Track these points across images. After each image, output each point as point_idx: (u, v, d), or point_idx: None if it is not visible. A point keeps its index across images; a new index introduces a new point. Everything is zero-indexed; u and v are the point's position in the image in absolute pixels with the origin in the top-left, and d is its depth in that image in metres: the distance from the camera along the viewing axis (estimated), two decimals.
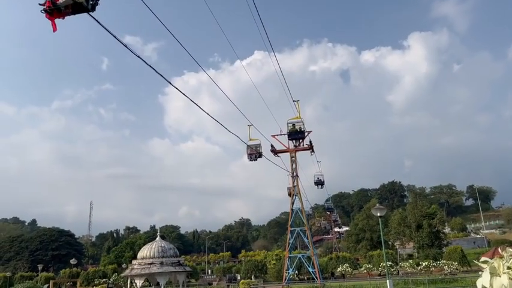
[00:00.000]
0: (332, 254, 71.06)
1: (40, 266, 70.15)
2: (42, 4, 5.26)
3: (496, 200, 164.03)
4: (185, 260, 49.75)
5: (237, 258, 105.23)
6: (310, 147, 46.52)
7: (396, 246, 66.46)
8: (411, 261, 59.70)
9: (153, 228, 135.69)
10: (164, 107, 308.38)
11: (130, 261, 55.26)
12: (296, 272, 52.68)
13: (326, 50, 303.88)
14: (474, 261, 5.05)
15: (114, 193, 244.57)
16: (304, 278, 53.68)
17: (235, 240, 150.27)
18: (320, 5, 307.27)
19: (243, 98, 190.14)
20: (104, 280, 62.75)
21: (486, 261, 3.54)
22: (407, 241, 71.54)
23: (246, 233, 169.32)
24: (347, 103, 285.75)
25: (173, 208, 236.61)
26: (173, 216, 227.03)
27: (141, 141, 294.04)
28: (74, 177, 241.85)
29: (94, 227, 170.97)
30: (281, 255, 64.58)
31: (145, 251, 30.02)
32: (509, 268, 3.29)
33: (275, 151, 46.30)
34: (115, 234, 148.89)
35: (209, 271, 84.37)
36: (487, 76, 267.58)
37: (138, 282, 29.44)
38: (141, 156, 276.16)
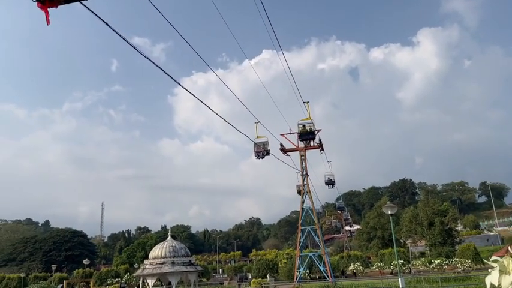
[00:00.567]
0: (343, 253, 70.78)
1: (54, 267, 71.00)
2: None
3: (510, 197, 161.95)
4: (196, 260, 49.98)
5: (248, 257, 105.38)
6: (319, 145, 46.42)
7: (408, 244, 66.01)
8: (423, 259, 59.20)
9: (164, 228, 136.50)
10: (173, 108, 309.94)
11: (142, 261, 55.73)
12: (307, 271, 52.62)
13: (334, 48, 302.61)
14: (485, 260, 5.02)
15: (125, 194, 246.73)
16: (315, 277, 53.60)
17: (245, 239, 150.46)
18: (328, 3, 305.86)
19: (252, 98, 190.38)
20: (117, 280, 63.36)
21: (497, 260, 3.54)
22: (419, 239, 70.93)
23: (257, 232, 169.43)
24: (356, 101, 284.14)
25: (184, 208, 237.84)
26: (184, 216, 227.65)
27: (151, 141, 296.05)
28: (86, 178, 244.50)
29: (106, 228, 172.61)
30: (292, 254, 64.58)
31: (156, 251, 30.21)
32: None
33: (284, 150, 46.28)
34: (127, 234, 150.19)
35: (220, 270, 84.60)
36: (499, 71, 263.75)
37: (150, 281, 29.65)
38: (151, 156, 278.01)
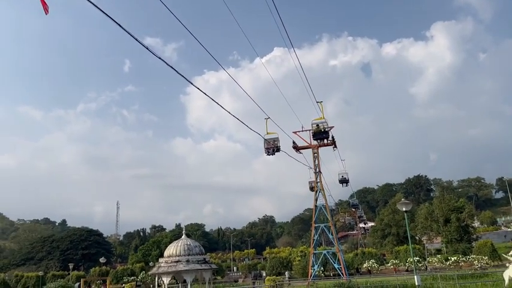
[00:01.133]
0: (357, 250, 70.34)
1: (71, 265, 72.08)
2: None
3: None
4: (210, 258, 50.25)
5: (262, 255, 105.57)
6: (332, 142, 46.20)
7: (423, 241, 65.26)
8: (439, 256, 58.55)
9: (179, 226, 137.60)
10: (186, 107, 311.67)
11: (157, 259, 56.30)
12: (321, 269, 52.47)
13: (346, 44, 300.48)
14: (504, 255, 4.96)
15: (139, 193, 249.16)
16: (329, 275, 53.41)
17: (259, 237, 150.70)
18: None
19: (263, 95, 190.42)
20: (132, 278, 64.05)
21: None
22: (434, 236, 70.14)
23: (270, 230, 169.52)
24: (369, 97, 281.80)
25: (197, 206, 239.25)
26: (198, 214, 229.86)
27: (164, 141, 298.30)
28: (101, 178, 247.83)
29: (121, 226, 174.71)
30: (306, 251, 64.44)
31: (171, 249, 30.46)
32: None
33: (297, 147, 46.17)
34: (142, 233, 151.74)
35: (235, 268, 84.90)
36: None
37: (165, 279, 29.93)
38: (165, 156, 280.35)
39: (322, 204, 46.24)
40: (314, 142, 46.45)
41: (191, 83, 14.49)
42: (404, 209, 22.18)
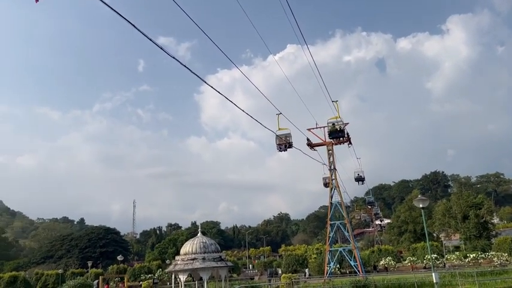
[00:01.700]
0: (374, 247, 69.79)
1: (89, 263, 73.23)
2: None
3: None
4: (226, 255, 50.48)
5: (277, 252, 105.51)
6: (347, 139, 45.86)
7: (441, 238, 64.46)
8: (458, 253, 57.68)
9: (194, 224, 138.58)
10: (200, 105, 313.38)
11: (173, 257, 56.71)
12: (337, 266, 52.21)
13: (360, 39, 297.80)
14: None
15: (155, 191, 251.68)
16: (346, 272, 53.15)
17: (274, 234, 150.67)
18: None
19: (277, 93, 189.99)
20: (149, 276, 64.72)
21: None
22: (453, 233, 69.11)
23: (285, 228, 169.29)
24: (384, 92, 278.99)
25: (213, 204, 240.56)
26: (213, 212, 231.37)
27: (179, 139, 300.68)
28: (117, 176, 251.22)
29: (138, 225, 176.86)
30: (322, 249, 64.18)
31: (187, 247, 30.66)
32: None
33: (311, 144, 45.92)
34: (158, 231, 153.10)
35: (250, 266, 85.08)
36: None
37: (182, 277, 30.15)
38: (180, 154, 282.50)
39: (337, 201, 45.95)
40: (328, 139, 46.18)
41: (205, 82, 14.55)
42: (421, 206, 21.88)
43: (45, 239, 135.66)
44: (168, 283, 55.57)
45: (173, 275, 32.94)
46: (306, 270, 57.77)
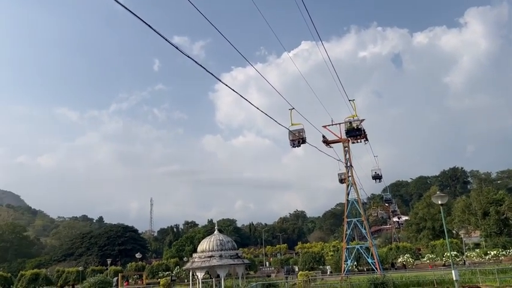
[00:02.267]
0: (391, 245, 69.09)
1: (109, 260, 74.43)
2: None
3: None
4: (243, 253, 50.61)
5: (294, 250, 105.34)
6: (364, 136, 45.49)
7: (461, 235, 63.37)
8: (478, 250, 56.71)
9: (211, 222, 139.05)
10: (215, 104, 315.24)
11: (190, 254, 57.24)
12: (355, 263, 51.90)
13: (376, 35, 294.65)
14: None
15: (172, 189, 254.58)
16: (363, 269, 52.76)
17: (291, 232, 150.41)
18: None
19: (291, 90, 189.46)
20: (167, 273, 65.41)
21: None
22: (473, 229, 67.99)
23: (302, 225, 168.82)
24: (400, 88, 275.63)
25: (229, 202, 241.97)
26: (229, 209, 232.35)
27: (195, 138, 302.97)
28: (134, 175, 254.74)
29: (155, 223, 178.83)
30: (338, 246, 63.87)
31: (204, 245, 30.90)
32: None
33: (327, 142, 45.70)
34: (175, 229, 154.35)
35: (267, 263, 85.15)
36: None
37: (199, 274, 30.41)
38: (195, 152, 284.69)
39: (354, 198, 45.68)
40: (344, 136, 45.92)
41: (220, 80, 14.59)
42: (440, 202, 21.54)
43: (65, 237, 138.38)
44: (186, 280, 56.11)
45: (191, 272, 33.27)
46: (328, 267, 57.57)
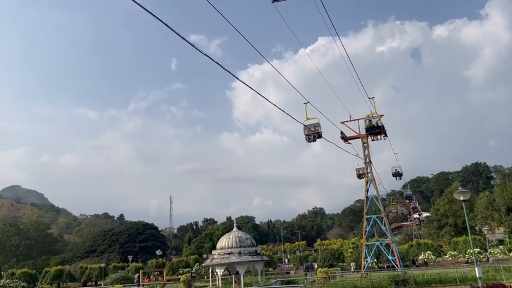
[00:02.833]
0: (412, 241, 68.16)
1: (130, 257, 75.67)
2: None
3: None
4: (261, 250, 50.76)
5: (313, 247, 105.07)
6: (383, 132, 44.96)
7: (484, 231, 62.16)
8: (502, 247, 55.40)
9: (229, 219, 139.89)
10: (232, 102, 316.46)
11: (210, 251, 57.73)
12: (374, 260, 51.45)
13: (394, 29, 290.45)
14: None
15: (190, 187, 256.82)
16: (383, 266, 52.22)
17: (309, 229, 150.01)
18: None
19: (308, 86, 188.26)
20: (187, 270, 66.09)
21: None
22: (496, 226, 66.49)
23: (320, 222, 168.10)
24: (420, 82, 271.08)
25: (247, 199, 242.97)
26: (247, 207, 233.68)
27: (212, 136, 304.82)
28: (154, 173, 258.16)
29: (174, 220, 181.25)
30: (358, 243, 63.38)
31: (223, 242, 31.14)
32: None
33: (345, 138, 45.33)
34: (194, 226, 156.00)
35: (286, 260, 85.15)
36: None
37: (219, 271, 30.67)
38: (213, 150, 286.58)
39: (373, 194, 45.22)
40: (363, 133, 45.49)
41: (237, 78, 14.65)
42: (462, 198, 21.15)
43: (87, 234, 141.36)
44: (206, 277, 56.56)
45: (210, 269, 33.58)
46: (352, 264, 57.00)
